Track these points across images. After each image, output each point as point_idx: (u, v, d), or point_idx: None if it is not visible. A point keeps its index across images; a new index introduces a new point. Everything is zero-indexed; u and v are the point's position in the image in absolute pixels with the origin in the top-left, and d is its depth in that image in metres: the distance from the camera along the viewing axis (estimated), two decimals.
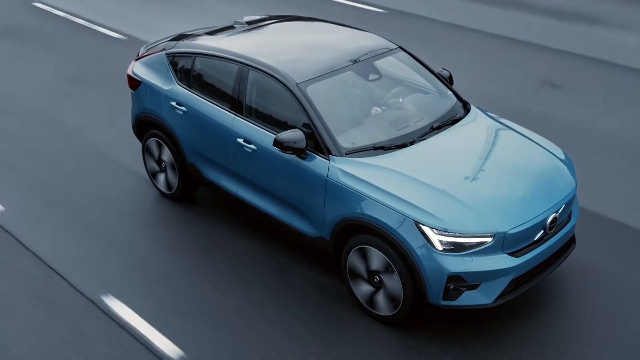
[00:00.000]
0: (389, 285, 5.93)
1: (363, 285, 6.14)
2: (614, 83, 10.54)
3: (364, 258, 6.00)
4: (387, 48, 7.05)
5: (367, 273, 6.05)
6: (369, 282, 6.08)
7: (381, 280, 5.98)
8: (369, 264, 5.99)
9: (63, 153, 8.96)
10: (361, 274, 6.10)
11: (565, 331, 6.04)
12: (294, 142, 6.10)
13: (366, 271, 6.05)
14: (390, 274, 5.87)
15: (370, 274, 6.03)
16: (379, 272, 5.95)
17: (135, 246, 7.24)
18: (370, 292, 6.11)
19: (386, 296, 6.00)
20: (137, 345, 5.97)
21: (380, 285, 6.02)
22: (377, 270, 5.97)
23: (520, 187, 5.90)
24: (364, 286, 6.15)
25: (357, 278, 6.16)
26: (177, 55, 7.40)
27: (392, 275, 5.86)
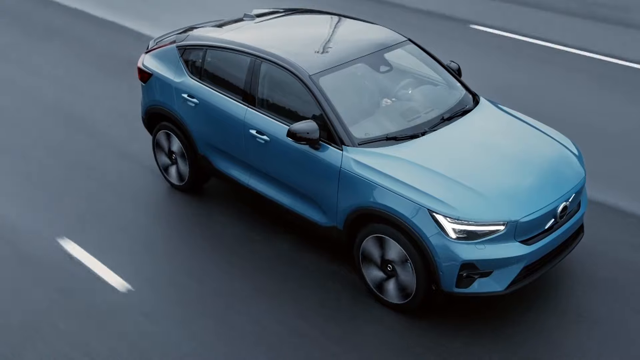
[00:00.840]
0: (401, 274, 6.02)
1: (374, 270, 6.23)
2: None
3: (378, 247, 6.09)
4: (397, 40, 7.14)
5: (381, 261, 6.14)
6: (381, 269, 6.17)
7: (394, 270, 6.07)
8: (382, 253, 6.08)
9: (70, 144, 9.04)
10: (374, 260, 6.19)
11: (573, 319, 6.15)
12: (307, 133, 6.18)
13: (380, 259, 6.14)
14: (403, 263, 5.96)
15: (384, 262, 6.12)
16: (394, 261, 6.04)
17: (145, 237, 7.32)
18: (381, 279, 6.21)
19: (397, 285, 6.10)
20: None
21: (392, 274, 6.11)
22: (391, 260, 6.05)
23: (531, 177, 6.00)
24: (375, 272, 6.24)
25: (369, 263, 6.25)
26: (188, 47, 7.47)
27: (405, 265, 5.95)
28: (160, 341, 5.98)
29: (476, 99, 6.97)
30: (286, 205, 6.78)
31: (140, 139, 9.04)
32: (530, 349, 5.85)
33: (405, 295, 6.08)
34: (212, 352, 5.87)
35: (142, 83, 7.96)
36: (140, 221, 7.58)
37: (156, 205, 7.84)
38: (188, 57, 7.46)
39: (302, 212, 6.65)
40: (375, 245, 6.11)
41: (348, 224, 6.25)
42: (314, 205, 6.53)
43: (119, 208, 7.78)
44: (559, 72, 10.89)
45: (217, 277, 6.72)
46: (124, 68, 11.15)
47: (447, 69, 7.22)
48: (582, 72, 10.88)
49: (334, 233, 6.45)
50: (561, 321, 6.12)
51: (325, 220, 6.47)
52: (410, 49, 7.21)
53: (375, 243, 6.10)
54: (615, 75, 10.73)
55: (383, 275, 6.19)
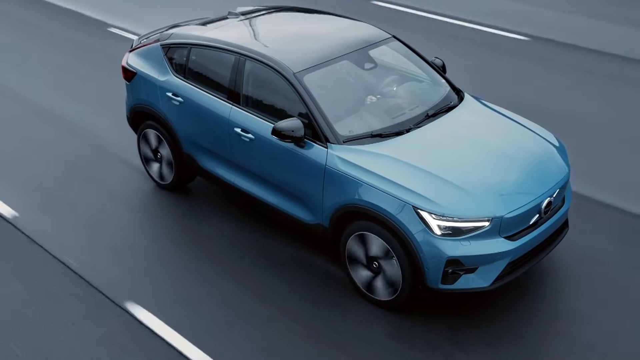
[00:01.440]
0: (388, 270, 6.03)
1: (362, 270, 6.24)
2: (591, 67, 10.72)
3: (363, 244, 6.10)
4: (381, 37, 7.14)
5: (366, 259, 6.15)
6: (367, 267, 6.18)
7: (380, 266, 6.08)
8: (368, 250, 6.09)
9: (58, 142, 9.00)
10: (360, 260, 6.20)
11: (559, 314, 6.19)
12: (292, 131, 6.17)
13: (365, 257, 6.15)
14: (389, 259, 5.97)
15: (369, 259, 6.13)
16: (378, 257, 6.05)
17: (128, 235, 7.30)
18: (369, 278, 6.22)
19: (385, 281, 6.11)
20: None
21: (379, 270, 6.12)
22: (376, 256, 6.07)
23: (515, 173, 6.02)
24: (362, 272, 6.24)
25: (355, 264, 6.26)
26: (172, 46, 7.45)
27: (391, 261, 5.96)
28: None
29: (461, 95, 6.99)
30: (272, 204, 6.78)
31: (125, 136, 9.00)
32: (519, 343, 5.88)
33: (393, 290, 6.09)
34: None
35: (127, 82, 7.93)
36: (124, 220, 7.55)
37: (141, 204, 7.81)
38: (172, 55, 7.44)
39: (288, 210, 6.65)
40: (361, 243, 6.11)
41: (334, 222, 6.25)
42: (300, 203, 6.53)
43: (102, 206, 7.75)
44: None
45: (203, 276, 6.71)
46: (105, 63, 11.11)
47: (431, 66, 7.23)
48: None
49: (319, 231, 6.45)
50: (546, 316, 6.15)
51: (311, 217, 6.47)
52: (394, 45, 7.21)
53: (361, 240, 6.11)
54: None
55: (370, 273, 6.19)
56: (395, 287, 6.06)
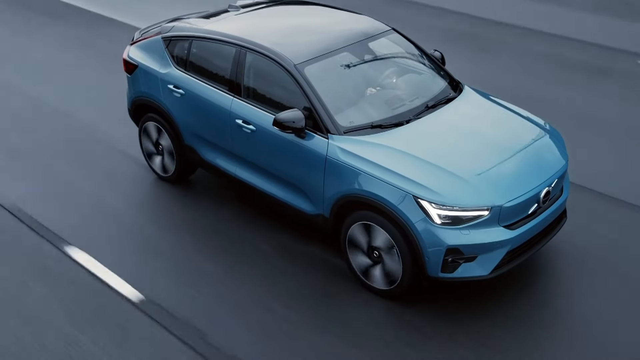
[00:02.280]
0: (387, 260, 6.10)
1: (361, 257, 6.31)
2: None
3: (364, 233, 6.16)
4: (381, 30, 7.20)
5: (367, 248, 6.21)
6: (367, 255, 6.25)
7: (380, 256, 6.15)
8: (369, 240, 6.15)
9: (58, 135, 9.05)
10: (361, 249, 6.26)
11: (555, 304, 6.26)
12: (293, 122, 6.23)
13: (366, 246, 6.21)
14: (389, 249, 6.03)
15: (370, 249, 6.19)
16: (380, 248, 6.11)
17: (130, 227, 7.36)
18: (367, 265, 6.28)
19: (383, 272, 6.17)
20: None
21: (379, 260, 6.18)
22: (376, 246, 6.13)
23: (514, 163, 6.09)
24: (361, 257, 6.31)
25: (356, 249, 6.32)
26: (173, 39, 7.50)
27: (391, 251, 6.02)
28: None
29: (460, 87, 7.05)
30: (273, 194, 6.84)
31: (127, 129, 9.05)
32: (518, 333, 5.94)
33: (390, 281, 6.16)
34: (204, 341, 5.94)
35: (128, 74, 7.98)
36: (126, 212, 7.61)
37: (142, 196, 7.87)
38: (173, 48, 7.49)
39: (289, 201, 6.71)
40: (362, 232, 6.18)
41: (334, 212, 6.32)
42: (301, 194, 6.59)
43: (103, 199, 7.80)
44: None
45: (204, 267, 6.77)
46: (105, 57, 11.16)
47: (430, 58, 7.29)
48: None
49: (320, 221, 6.52)
50: (546, 304, 6.22)
51: (312, 208, 6.53)
52: (394, 38, 7.27)
53: (362, 230, 6.17)
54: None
55: (369, 261, 6.26)
56: (392, 279, 6.12)
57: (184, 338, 5.89)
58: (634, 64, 10.83)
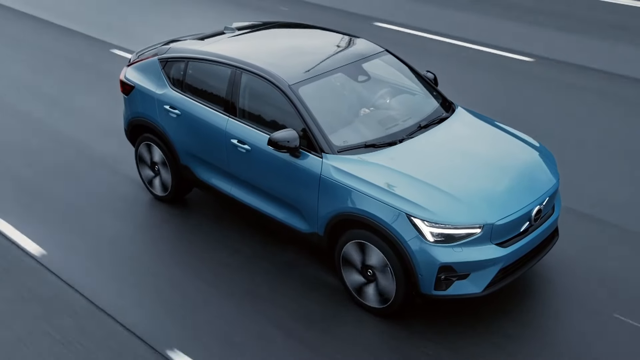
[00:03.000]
0: (381, 282, 6.15)
1: (355, 275, 6.35)
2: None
3: (358, 252, 6.21)
4: (374, 51, 7.31)
5: (362, 265, 6.26)
6: (361, 273, 6.29)
7: (374, 275, 6.20)
8: (362, 258, 6.21)
9: (52, 154, 9.11)
10: (355, 267, 6.31)
11: (548, 320, 6.31)
12: (287, 141, 6.31)
13: (360, 264, 6.26)
14: (383, 267, 6.08)
15: (364, 267, 6.24)
16: (374, 267, 6.16)
17: (127, 247, 7.40)
18: (361, 283, 6.33)
19: (377, 290, 6.22)
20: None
21: (372, 279, 6.23)
22: (371, 265, 6.18)
23: (506, 181, 6.17)
24: (355, 276, 6.35)
25: (350, 267, 6.37)
26: (169, 60, 7.60)
27: (385, 269, 6.07)
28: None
29: (452, 107, 7.14)
30: (268, 213, 6.90)
31: (123, 149, 9.12)
32: (509, 350, 5.98)
33: (384, 300, 6.21)
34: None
35: (125, 95, 8.07)
36: (122, 232, 7.65)
37: (138, 216, 7.92)
38: (170, 69, 7.59)
39: (284, 220, 6.77)
40: (356, 251, 6.23)
41: (328, 230, 6.38)
42: (295, 213, 6.65)
43: (99, 218, 7.85)
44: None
45: (199, 285, 6.81)
46: (97, 79, 11.26)
47: (423, 79, 7.39)
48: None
49: (315, 239, 6.57)
50: (539, 322, 6.27)
51: (306, 226, 6.59)
52: (387, 59, 7.37)
53: (356, 248, 6.23)
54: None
55: (363, 279, 6.31)
56: (386, 297, 6.17)
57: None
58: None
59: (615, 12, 14.29)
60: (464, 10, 14.40)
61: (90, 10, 14.99)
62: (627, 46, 12.42)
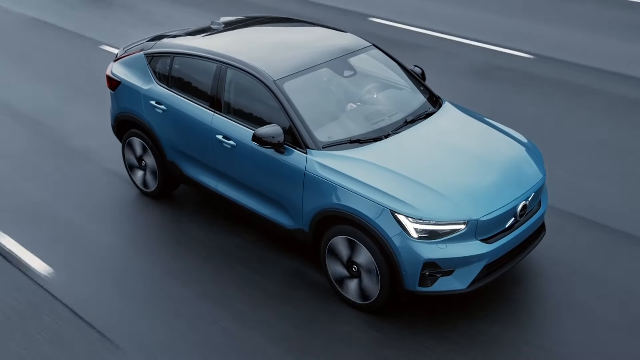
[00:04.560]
0: (365, 280, 6.12)
1: (339, 267, 6.32)
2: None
3: (343, 247, 6.17)
4: (361, 45, 7.26)
5: (346, 262, 6.22)
6: (346, 267, 6.26)
7: (359, 272, 6.16)
8: (347, 254, 6.17)
9: (40, 153, 9.07)
10: (341, 258, 6.26)
11: (532, 319, 6.28)
12: (272, 137, 6.26)
13: (344, 260, 6.22)
14: (369, 270, 6.04)
15: (349, 263, 6.21)
16: (360, 265, 6.13)
17: (112, 244, 7.37)
18: (344, 276, 6.30)
19: (359, 287, 6.20)
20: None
21: (357, 275, 6.20)
22: (355, 260, 6.14)
23: (491, 176, 6.12)
24: (339, 268, 6.32)
25: (335, 259, 6.32)
26: (155, 55, 7.55)
27: (371, 271, 6.03)
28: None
29: (439, 102, 7.10)
30: (253, 209, 6.86)
31: (109, 146, 9.08)
32: (492, 347, 5.96)
33: (364, 297, 6.19)
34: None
35: (111, 91, 8.02)
36: (108, 228, 7.62)
37: (125, 212, 7.88)
38: (156, 64, 7.54)
39: (269, 216, 6.74)
40: (341, 246, 6.20)
41: (313, 226, 6.34)
42: (280, 209, 6.62)
43: (85, 215, 7.81)
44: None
45: (185, 282, 6.77)
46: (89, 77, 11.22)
47: (410, 73, 7.34)
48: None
49: (299, 235, 6.54)
50: (521, 320, 6.24)
51: (291, 222, 6.56)
52: (374, 53, 7.33)
53: (341, 244, 6.19)
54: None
55: (347, 273, 6.27)
56: (367, 295, 6.16)
57: None
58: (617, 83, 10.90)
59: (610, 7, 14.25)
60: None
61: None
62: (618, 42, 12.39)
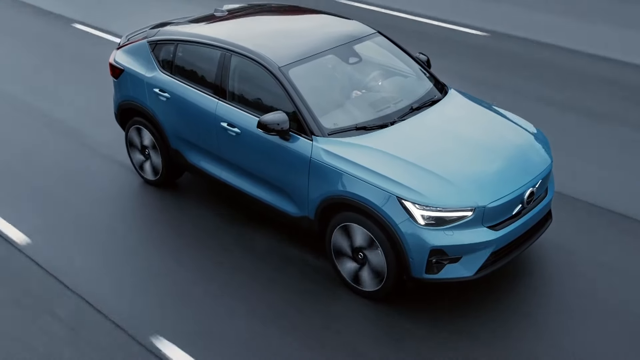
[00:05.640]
0: (373, 260, 6.08)
1: (348, 262, 6.29)
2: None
3: (349, 235, 6.14)
4: (366, 33, 7.22)
5: (352, 250, 6.19)
6: (353, 259, 6.23)
7: (365, 257, 6.13)
8: (353, 241, 6.14)
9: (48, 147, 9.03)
10: (345, 252, 6.25)
11: (540, 305, 6.26)
12: (277, 124, 6.22)
13: (350, 248, 6.19)
14: (374, 250, 6.01)
15: (355, 250, 6.18)
16: (363, 248, 6.10)
17: (117, 232, 7.34)
18: (355, 269, 6.26)
19: (371, 272, 6.15)
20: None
21: (364, 261, 6.17)
22: (361, 247, 6.11)
23: (498, 163, 6.09)
24: (348, 263, 6.29)
25: (341, 256, 6.31)
26: (159, 42, 7.50)
27: (376, 252, 6.01)
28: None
29: (445, 89, 7.05)
30: (258, 197, 6.83)
31: (110, 133, 9.03)
32: (499, 335, 5.94)
33: (380, 280, 6.13)
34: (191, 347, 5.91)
35: (114, 79, 7.98)
36: (112, 216, 7.58)
37: (129, 201, 7.84)
38: (159, 51, 7.49)
39: (274, 203, 6.70)
40: (345, 235, 6.16)
41: (319, 214, 6.30)
42: (285, 196, 6.58)
43: (89, 203, 7.77)
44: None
45: (191, 270, 6.74)
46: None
47: (416, 61, 7.29)
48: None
49: (305, 223, 6.50)
50: (530, 309, 6.21)
51: (297, 210, 6.52)
52: (379, 41, 7.28)
53: (345, 233, 6.15)
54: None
55: (356, 265, 6.24)
56: (380, 278, 6.11)
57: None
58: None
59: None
60: None
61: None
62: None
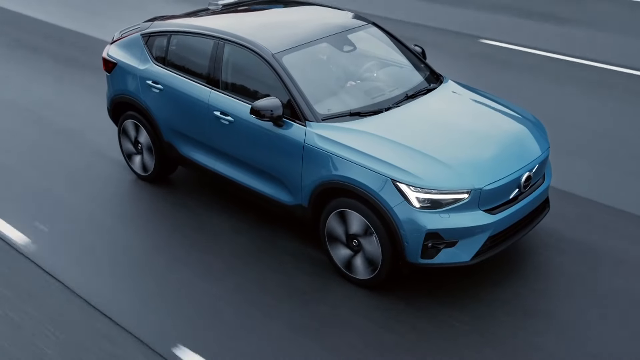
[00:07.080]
0: (367, 248, 5.97)
1: (341, 249, 6.18)
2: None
3: (343, 222, 6.04)
4: (360, 23, 7.18)
5: (346, 237, 6.08)
6: (347, 246, 6.12)
7: (360, 244, 6.02)
8: (347, 228, 6.03)
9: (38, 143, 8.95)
10: (340, 238, 6.13)
11: (537, 289, 6.14)
12: (270, 110, 6.14)
13: (345, 235, 6.08)
14: (368, 237, 5.91)
15: (349, 237, 6.07)
16: (358, 235, 5.99)
17: (109, 228, 7.23)
18: (349, 256, 6.15)
19: (364, 260, 6.04)
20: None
21: (358, 249, 6.05)
22: (355, 234, 6.00)
23: (494, 147, 6.00)
24: (342, 250, 6.18)
25: (335, 242, 6.19)
26: (152, 35, 7.45)
27: (370, 239, 5.90)
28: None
29: (441, 79, 6.99)
30: (252, 187, 6.73)
31: (104, 130, 8.96)
32: (497, 320, 5.81)
33: (373, 269, 6.02)
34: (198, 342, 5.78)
35: (107, 73, 7.92)
36: (104, 213, 7.48)
37: (121, 197, 7.74)
38: (152, 43, 7.44)
39: (268, 193, 6.60)
40: (340, 221, 6.06)
41: (313, 200, 6.20)
42: (279, 185, 6.49)
43: (89, 204, 7.65)
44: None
45: (186, 262, 6.63)
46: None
47: (411, 52, 7.24)
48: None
49: (299, 211, 6.40)
50: (528, 292, 6.10)
51: (290, 199, 6.42)
52: (374, 31, 7.24)
53: (340, 219, 6.05)
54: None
55: (350, 252, 6.13)
56: (374, 266, 5.99)
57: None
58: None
59: None
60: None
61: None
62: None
